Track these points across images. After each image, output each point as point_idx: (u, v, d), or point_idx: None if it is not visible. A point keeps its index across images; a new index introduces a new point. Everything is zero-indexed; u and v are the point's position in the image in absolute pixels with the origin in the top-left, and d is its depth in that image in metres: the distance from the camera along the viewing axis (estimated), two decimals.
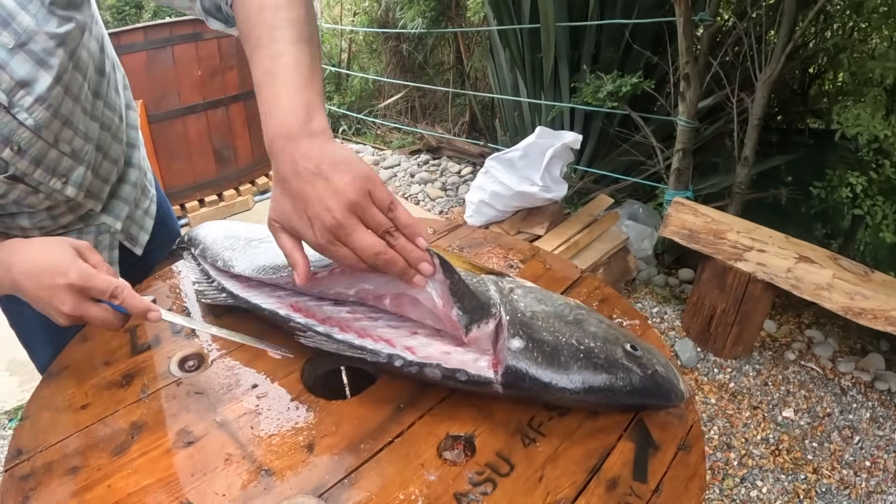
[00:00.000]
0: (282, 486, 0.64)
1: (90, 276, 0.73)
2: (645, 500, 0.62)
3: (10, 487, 0.65)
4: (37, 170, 0.88)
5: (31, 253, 0.76)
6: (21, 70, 0.78)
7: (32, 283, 0.73)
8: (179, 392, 0.77)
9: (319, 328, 0.76)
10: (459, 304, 0.68)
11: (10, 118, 0.79)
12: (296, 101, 0.66)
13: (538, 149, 2.36)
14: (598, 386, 0.67)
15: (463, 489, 0.62)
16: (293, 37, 0.70)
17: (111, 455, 0.68)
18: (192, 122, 3.27)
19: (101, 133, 0.99)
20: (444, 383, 0.71)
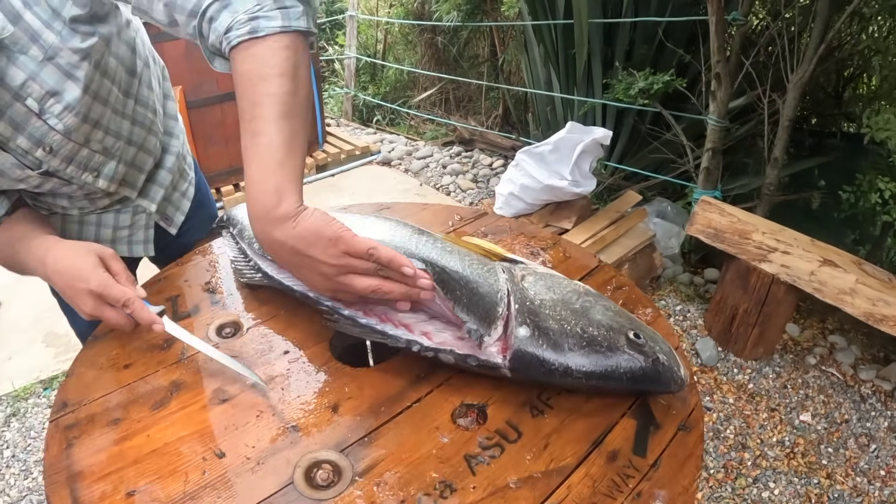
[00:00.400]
0: (307, 441, 0.69)
1: (107, 286, 0.81)
2: (643, 474, 0.66)
3: (56, 435, 0.71)
4: (69, 166, 0.95)
5: (61, 256, 0.86)
6: (50, 80, 0.83)
7: (61, 281, 0.84)
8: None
9: (345, 312, 0.81)
10: (468, 319, 0.74)
11: (41, 123, 0.86)
12: (267, 186, 0.72)
13: (568, 143, 2.39)
14: (600, 373, 0.72)
15: (473, 451, 0.67)
16: (274, 115, 0.72)
17: (151, 409, 0.74)
18: (230, 109, 3.34)
19: (134, 129, 1.04)
20: (456, 365, 0.77)
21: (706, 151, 2.57)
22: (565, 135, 2.42)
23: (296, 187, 0.74)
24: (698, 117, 2.71)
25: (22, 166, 0.89)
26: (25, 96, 0.83)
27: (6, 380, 2.35)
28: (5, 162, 0.87)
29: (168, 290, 0.99)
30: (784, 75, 2.39)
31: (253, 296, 0.96)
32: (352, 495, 0.63)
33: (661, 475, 0.66)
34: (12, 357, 2.49)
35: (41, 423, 2.17)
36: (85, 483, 0.65)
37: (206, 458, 0.67)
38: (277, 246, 0.74)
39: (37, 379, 2.36)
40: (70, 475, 0.66)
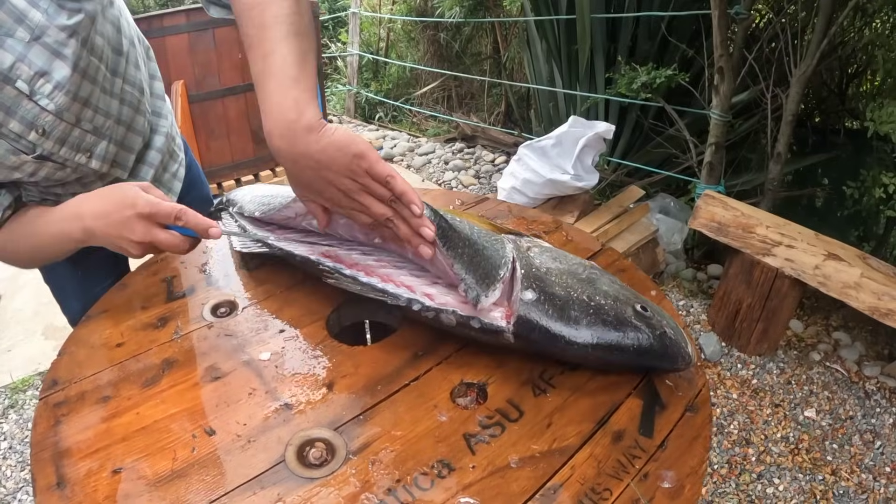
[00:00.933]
0: (300, 419, 0.68)
1: (155, 203, 0.80)
2: (649, 454, 0.64)
3: (44, 413, 0.70)
4: (62, 148, 0.93)
5: (99, 197, 0.83)
6: (38, 61, 0.82)
7: (104, 222, 0.81)
8: (210, 334, 0.82)
9: (346, 271, 0.80)
10: (466, 277, 0.72)
11: (32, 104, 0.84)
12: (285, 101, 0.70)
13: (571, 138, 2.37)
14: (606, 343, 0.70)
15: (472, 430, 0.66)
16: (282, 34, 0.72)
17: (141, 387, 0.73)
18: (232, 103, 3.34)
19: (122, 108, 1.03)
20: (458, 331, 0.75)
21: (709, 146, 2.55)
22: (567, 129, 2.41)
23: (314, 102, 0.72)
24: (701, 112, 2.70)
25: (16, 151, 0.87)
26: (15, 79, 0.81)
27: (5, 372, 2.35)
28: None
29: (163, 271, 0.98)
30: (787, 70, 2.37)
31: (249, 277, 0.95)
32: (345, 473, 0.61)
33: (668, 456, 0.65)
34: (11, 349, 2.49)
35: None
36: (71, 460, 0.64)
37: (195, 436, 0.66)
38: (299, 158, 0.71)
39: (35, 371, 2.36)
40: (56, 452, 0.65)
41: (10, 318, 2.69)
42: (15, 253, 0.94)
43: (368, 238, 0.84)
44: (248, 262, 0.99)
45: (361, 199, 0.71)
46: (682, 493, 0.61)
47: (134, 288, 0.94)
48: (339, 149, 0.69)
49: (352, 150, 0.69)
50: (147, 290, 0.93)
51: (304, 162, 0.70)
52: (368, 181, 0.70)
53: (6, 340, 2.55)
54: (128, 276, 0.98)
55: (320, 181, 0.72)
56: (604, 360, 0.72)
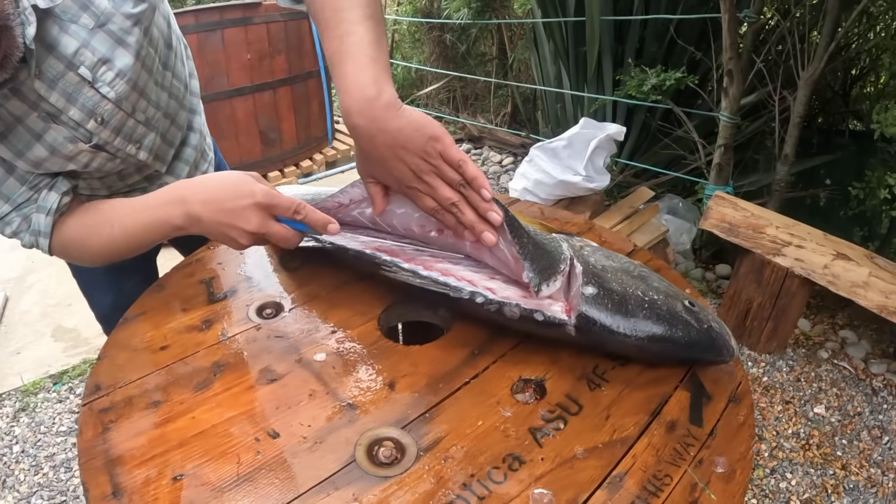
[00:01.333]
0: (365, 419, 0.68)
1: (274, 195, 0.79)
2: (701, 442, 0.67)
3: (89, 419, 0.67)
4: (116, 138, 0.94)
5: (211, 183, 0.81)
6: (102, 48, 0.84)
7: (214, 208, 0.78)
8: (259, 336, 0.81)
9: (405, 265, 0.80)
10: (530, 265, 0.73)
11: (94, 92, 0.86)
12: (364, 79, 0.71)
13: (582, 139, 2.40)
14: (660, 335, 0.72)
15: (537, 424, 0.68)
16: (358, 16, 0.73)
17: (193, 390, 0.71)
18: (240, 104, 3.35)
19: (170, 101, 1.05)
20: (518, 325, 0.76)
21: (718, 148, 2.58)
22: (579, 130, 2.43)
23: (391, 82, 0.73)
24: (709, 114, 2.73)
25: (74, 140, 0.88)
26: (78, 65, 0.82)
27: (15, 374, 2.35)
28: (57, 137, 0.86)
29: (200, 272, 0.97)
30: (795, 72, 2.41)
31: (290, 278, 0.94)
32: (419, 471, 0.62)
33: (718, 443, 0.67)
34: (21, 351, 2.49)
35: (51, 419, 2.16)
36: (126, 468, 0.62)
37: (258, 439, 0.65)
38: (377, 134, 0.71)
39: (46, 374, 2.35)
40: (108, 460, 0.63)
41: (18, 321, 2.68)
42: (83, 247, 0.91)
43: (423, 230, 0.83)
44: (287, 263, 0.98)
45: (430, 181, 0.72)
46: (734, 477, 0.64)
47: (171, 290, 0.92)
48: (417, 129, 0.70)
49: (428, 131, 0.70)
50: (185, 291, 0.91)
51: (381, 138, 0.71)
52: (440, 163, 0.71)
53: (15, 343, 2.54)
54: (164, 277, 0.97)
55: (393, 159, 0.72)
56: (656, 352, 0.74)
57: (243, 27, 3.18)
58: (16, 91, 0.80)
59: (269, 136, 3.56)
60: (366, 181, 0.80)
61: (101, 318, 1.31)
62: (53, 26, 0.79)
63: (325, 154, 4.08)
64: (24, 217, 0.88)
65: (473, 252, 0.80)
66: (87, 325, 2.60)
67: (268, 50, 3.34)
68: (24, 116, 0.83)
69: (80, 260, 0.95)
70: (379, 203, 0.80)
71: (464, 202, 0.73)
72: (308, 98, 3.77)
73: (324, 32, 0.75)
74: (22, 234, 0.89)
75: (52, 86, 0.82)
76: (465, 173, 0.71)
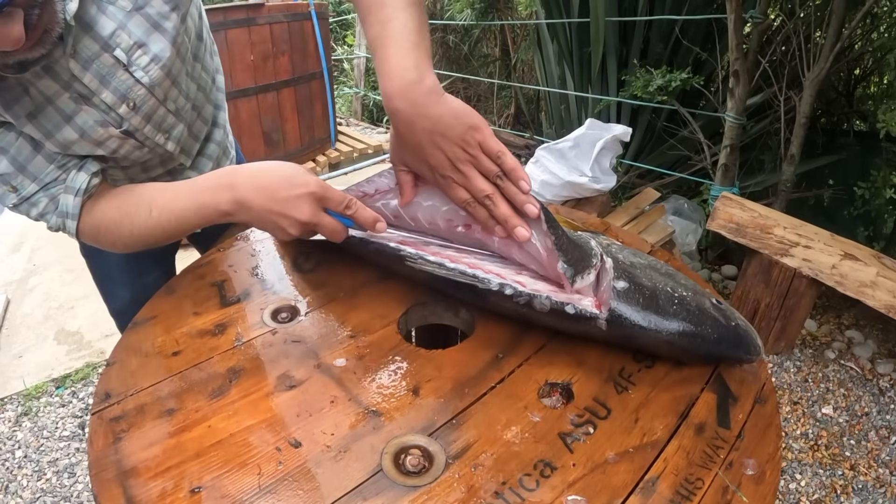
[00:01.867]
0: (390, 426, 0.65)
1: (327, 187, 0.78)
2: (730, 444, 0.66)
3: (99, 429, 0.65)
4: (147, 125, 0.92)
5: (263, 171, 0.80)
6: (138, 31, 0.83)
7: (266, 196, 0.77)
8: (276, 340, 0.78)
9: (430, 258, 0.79)
10: (564, 257, 0.73)
11: (128, 76, 0.84)
12: (406, 63, 0.70)
13: (588, 140, 2.39)
14: (690, 331, 0.72)
15: (566, 429, 0.66)
16: (401, 3, 0.73)
17: (209, 398, 0.68)
18: (244, 105, 3.34)
19: (198, 93, 1.04)
20: (548, 320, 0.75)
21: (724, 148, 2.58)
22: (585, 131, 2.43)
23: (432, 67, 0.73)
24: (714, 115, 2.72)
25: (105, 124, 0.86)
26: (114, 46, 0.81)
27: (17, 378, 2.33)
28: (88, 119, 0.84)
29: (212, 275, 0.93)
30: (800, 73, 2.40)
31: (305, 280, 0.92)
32: (449, 479, 0.59)
33: (746, 445, 0.67)
34: (23, 355, 2.47)
35: (54, 423, 2.14)
36: (139, 480, 0.59)
37: (280, 449, 0.62)
38: (417, 119, 0.71)
39: (48, 377, 2.33)
40: (121, 472, 0.60)
41: (20, 324, 2.66)
42: (117, 230, 0.88)
43: (450, 224, 0.81)
44: (301, 265, 0.96)
45: (466, 170, 0.72)
46: (764, 479, 0.63)
47: (182, 292, 0.89)
48: (457, 116, 0.70)
49: (468, 121, 0.70)
50: (197, 294, 0.88)
51: (421, 123, 0.70)
52: (478, 153, 0.71)
53: (17, 346, 2.52)
54: (174, 280, 0.94)
55: (430, 145, 0.72)
56: (686, 347, 0.73)
57: (247, 28, 3.17)
58: (48, 69, 0.79)
59: (273, 138, 3.55)
60: (397, 169, 0.80)
61: (115, 313, 1.29)
62: (92, 6, 0.78)
63: (328, 156, 4.07)
64: (52, 198, 0.85)
65: (501, 248, 0.79)
66: (90, 328, 2.59)
67: (271, 51, 3.33)
68: (56, 97, 0.81)
69: (111, 244, 0.91)
70: (408, 192, 0.80)
71: (498, 195, 0.72)
72: (311, 99, 3.76)
73: (366, 17, 0.75)
74: (48, 216, 0.87)
75: (86, 66, 0.81)
76: (504, 164, 0.71)
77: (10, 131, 0.81)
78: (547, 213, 0.73)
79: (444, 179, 0.74)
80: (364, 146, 4.23)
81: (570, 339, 0.79)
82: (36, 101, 0.80)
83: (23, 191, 0.84)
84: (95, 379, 2.32)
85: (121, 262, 1.20)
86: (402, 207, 0.83)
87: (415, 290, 0.88)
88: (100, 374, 2.32)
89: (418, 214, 0.83)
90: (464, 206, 0.75)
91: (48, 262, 3.06)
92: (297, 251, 0.99)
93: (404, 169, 0.79)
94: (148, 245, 0.89)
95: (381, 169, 0.93)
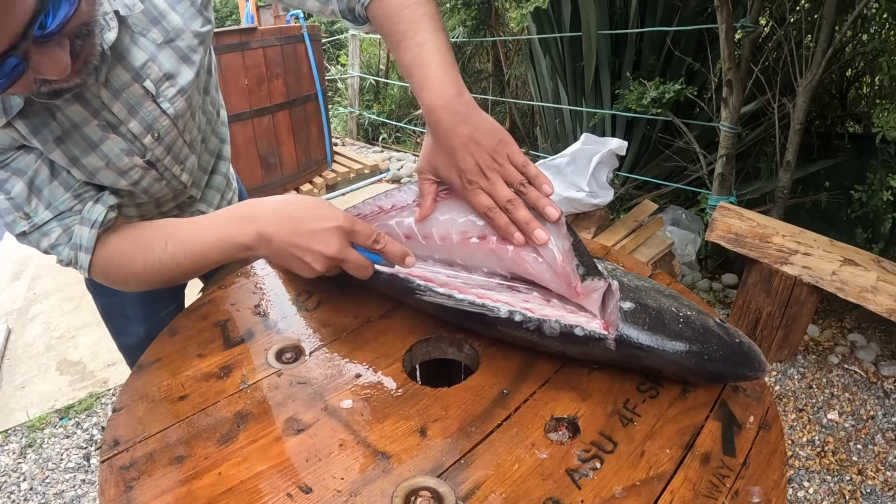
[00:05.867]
0: (400, 469, 0.65)
1: (356, 220, 0.78)
2: (736, 473, 0.67)
3: (110, 477, 0.64)
4: (167, 156, 0.95)
5: (286, 203, 0.79)
6: (167, 63, 0.86)
7: (290, 228, 0.76)
8: (282, 382, 0.78)
9: (440, 290, 0.80)
10: (579, 258, 0.76)
11: (154, 106, 0.87)
12: (447, 79, 0.79)
13: (584, 155, 2.40)
14: (697, 350, 0.73)
15: (573, 465, 0.67)
16: (432, 28, 0.82)
17: (218, 444, 0.68)
18: (239, 130, 3.35)
19: (206, 126, 1.07)
20: (557, 345, 0.76)
21: (720, 158, 2.59)
22: (581, 146, 2.44)
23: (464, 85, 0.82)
24: (710, 124, 2.74)
25: (130, 153, 0.88)
26: (144, 77, 0.84)
27: (20, 409, 2.33)
28: (114, 148, 0.85)
29: (214, 314, 0.92)
30: (793, 79, 2.42)
31: (309, 318, 0.91)
32: None
33: (752, 473, 0.67)
34: (25, 385, 2.47)
35: (59, 454, 2.14)
36: None
37: (291, 495, 0.62)
38: (457, 126, 0.78)
39: (52, 408, 2.33)
40: None
41: (22, 354, 2.66)
42: (130, 265, 0.86)
43: (464, 237, 0.83)
44: (305, 302, 0.95)
45: (492, 177, 0.78)
46: None
47: (185, 334, 0.88)
48: (491, 129, 0.78)
49: (500, 135, 0.78)
50: (200, 335, 0.88)
51: (461, 129, 0.77)
52: (506, 162, 0.78)
53: (19, 376, 2.52)
54: (176, 320, 0.93)
55: (464, 151, 0.78)
56: (692, 366, 0.74)
57: (240, 52, 3.19)
58: (79, 96, 0.79)
59: (270, 161, 3.56)
60: (423, 178, 0.85)
61: (127, 349, 1.28)
62: (126, 36, 0.81)
63: (324, 177, 4.08)
64: (66, 228, 0.83)
65: (515, 258, 0.80)
66: (91, 358, 2.59)
67: (265, 74, 3.35)
68: (84, 123, 0.81)
69: (122, 280, 0.89)
70: (428, 203, 0.84)
71: (519, 201, 0.77)
72: (307, 121, 3.78)
73: (401, 42, 0.82)
74: (60, 248, 0.83)
75: (116, 95, 0.82)
76: (528, 172, 0.78)
77: (29, 153, 0.80)
78: (565, 220, 0.78)
79: (470, 185, 0.79)
80: (361, 166, 4.24)
81: (575, 371, 0.80)
82: (63, 126, 0.80)
83: (35, 218, 0.81)
84: (99, 409, 2.32)
85: (135, 299, 1.20)
86: (419, 222, 0.85)
87: (419, 326, 0.88)
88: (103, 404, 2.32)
89: (432, 230, 0.85)
90: (485, 212, 0.79)
91: (48, 291, 3.06)
92: (299, 288, 0.99)
93: (430, 178, 0.84)
94: (159, 283, 0.87)
95: (378, 188, 0.97)
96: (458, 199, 0.84)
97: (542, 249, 0.78)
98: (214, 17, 0.97)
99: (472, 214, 0.83)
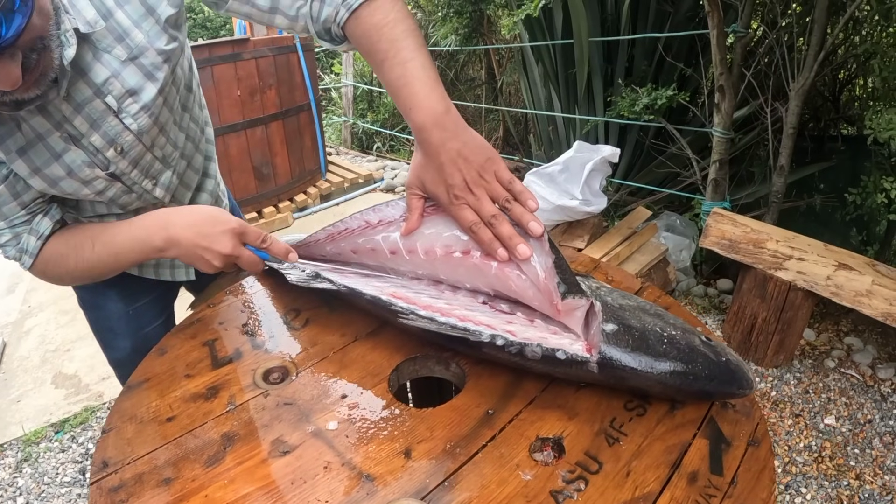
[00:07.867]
0: (384, 491, 0.65)
1: (245, 225, 0.90)
2: (723, 492, 0.66)
3: (99, 499, 0.64)
4: (133, 170, 0.98)
5: (192, 212, 0.91)
6: (131, 80, 0.88)
7: (194, 232, 0.88)
8: (268, 403, 0.78)
9: (422, 312, 0.81)
10: (560, 275, 0.76)
11: (117, 122, 0.90)
12: (434, 97, 0.80)
13: (577, 163, 2.40)
14: (681, 369, 0.73)
15: (558, 486, 0.66)
16: (413, 45, 0.83)
17: (205, 466, 0.68)
18: (233, 141, 3.35)
19: (187, 143, 1.09)
20: (540, 367, 0.76)
21: (713, 163, 2.59)
22: (573, 154, 2.44)
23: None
24: (702, 130, 2.74)
25: (92, 165, 0.91)
26: (106, 93, 0.86)
27: (16, 423, 2.32)
28: (76, 159, 0.89)
29: (203, 333, 0.93)
30: (785, 83, 2.42)
31: (296, 336, 0.92)
32: None
33: (739, 491, 0.66)
34: (21, 399, 2.46)
35: (54, 469, 2.13)
36: None
37: None
38: (447, 142, 0.79)
39: (47, 422, 2.32)
40: None
41: (17, 367, 2.65)
42: (64, 264, 0.95)
43: (448, 252, 0.84)
44: (293, 320, 0.96)
45: (478, 192, 0.79)
46: None
47: (174, 353, 0.89)
48: (479, 146, 0.79)
49: (488, 152, 0.79)
50: (189, 355, 0.88)
51: (451, 144, 0.79)
52: (492, 179, 0.79)
53: (14, 390, 2.51)
54: (164, 340, 0.93)
55: (452, 166, 0.79)
56: (678, 386, 0.74)
57: (233, 63, 3.19)
58: (42, 108, 0.84)
59: (263, 172, 3.56)
60: (411, 193, 0.85)
61: (116, 363, 1.29)
62: (88, 53, 0.84)
63: (319, 187, 4.07)
64: (15, 234, 0.93)
65: (498, 274, 0.80)
66: (87, 371, 2.58)
67: (258, 85, 3.35)
68: (47, 134, 0.86)
69: (58, 277, 0.99)
70: (415, 218, 0.85)
71: (504, 216, 0.78)
72: (300, 132, 3.78)
73: (384, 62, 0.83)
74: (8, 249, 0.94)
75: (77, 109, 0.86)
76: (513, 188, 0.79)
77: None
78: (549, 238, 0.77)
79: (456, 200, 0.80)
80: (355, 175, 4.24)
81: (562, 389, 0.79)
82: (27, 137, 0.85)
83: None
84: (94, 423, 2.31)
85: (121, 314, 1.22)
86: (405, 236, 0.87)
87: (406, 344, 0.88)
88: (98, 418, 2.31)
89: (417, 245, 0.86)
90: (470, 227, 0.79)
91: (43, 304, 3.05)
92: (287, 306, 0.99)
93: (418, 194, 0.85)
94: (89, 279, 0.99)
95: (373, 198, 1.00)
96: (445, 215, 0.85)
97: (525, 265, 0.78)
98: (187, 34, 0.99)
99: (456, 230, 0.83)
